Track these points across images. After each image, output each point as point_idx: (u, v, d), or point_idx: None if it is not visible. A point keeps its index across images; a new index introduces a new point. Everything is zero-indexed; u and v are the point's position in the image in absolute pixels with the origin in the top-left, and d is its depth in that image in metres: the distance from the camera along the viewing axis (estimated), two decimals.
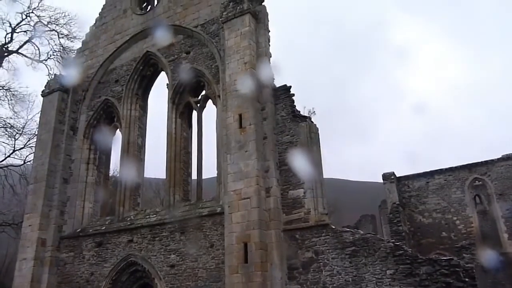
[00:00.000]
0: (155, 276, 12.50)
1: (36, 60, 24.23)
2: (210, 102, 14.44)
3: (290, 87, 12.55)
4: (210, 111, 14.63)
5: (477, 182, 25.48)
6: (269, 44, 13.31)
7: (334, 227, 10.96)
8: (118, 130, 16.28)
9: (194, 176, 14.35)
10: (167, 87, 14.99)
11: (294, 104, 12.39)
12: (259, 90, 12.41)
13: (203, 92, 14.64)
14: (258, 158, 11.39)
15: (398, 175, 27.13)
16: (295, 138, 11.94)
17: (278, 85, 12.76)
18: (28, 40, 24.22)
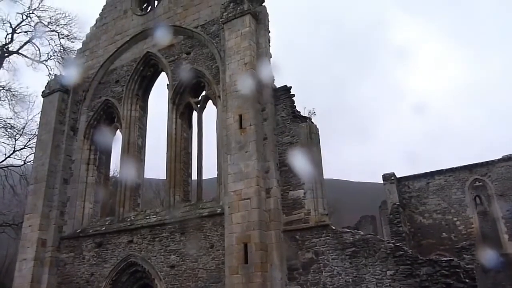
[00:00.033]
0: (155, 276, 12.50)
1: (36, 61, 24.29)
2: (210, 102, 14.44)
3: (290, 87, 12.55)
4: (211, 112, 14.66)
5: (477, 182, 25.42)
6: (269, 45, 13.32)
7: (334, 227, 10.95)
8: (119, 130, 16.28)
9: (194, 176, 14.35)
10: (168, 88, 14.99)
11: (295, 104, 12.39)
12: (260, 91, 12.41)
13: (203, 93, 14.64)
14: (258, 159, 11.39)
15: (398, 176, 27.06)
16: (295, 139, 11.93)
17: (278, 85, 12.77)
18: (29, 41, 24.28)
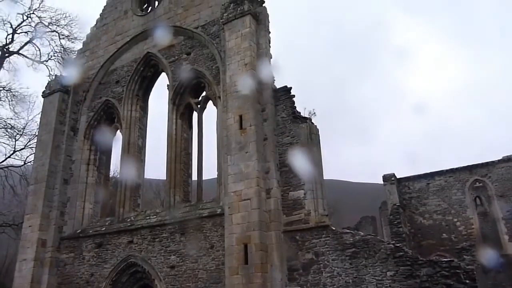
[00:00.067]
0: (155, 277, 12.50)
1: (37, 61, 24.31)
2: (210, 103, 14.43)
3: (291, 88, 12.55)
4: (211, 112, 14.66)
5: (477, 183, 25.41)
6: (269, 45, 13.32)
7: (334, 228, 10.94)
8: (119, 131, 16.28)
9: (195, 177, 14.35)
10: (168, 88, 14.99)
11: (295, 105, 12.38)
12: (260, 91, 12.41)
13: (204, 93, 14.64)
14: (259, 159, 11.38)
15: (398, 177, 27.05)
16: (296, 139, 11.93)
17: (279, 86, 12.77)
18: (29, 41, 24.30)
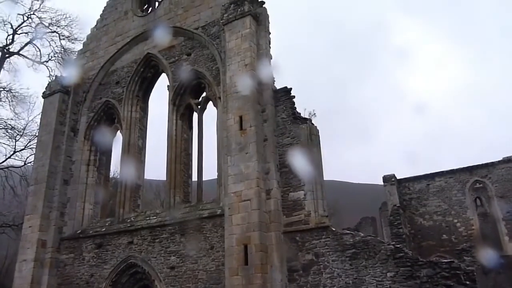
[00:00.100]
0: (155, 278, 12.49)
1: (37, 62, 24.32)
2: (210, 103, 14.44)
3: (291, 89, 12.55)
4: (211, 113, 14.67)
5: (477, 184, 25.37)
6: (269, 46, 13.32)
7: (334, 229, 10.93)
8: (119, 131, 16.27)
9: (195, 177, 14.35)
10: (168, 89, 14.99)
11: (295, 106, 12.37)
12: (260, 92, 12.42)
13: (204, 94, 14.65)
14: (259, 160, 11.38)
15: (398, 177, 27.00)
16: (296, 140, 11.93)
17: (279, 86, 12.76)
18: (29, 42, 24.29)
